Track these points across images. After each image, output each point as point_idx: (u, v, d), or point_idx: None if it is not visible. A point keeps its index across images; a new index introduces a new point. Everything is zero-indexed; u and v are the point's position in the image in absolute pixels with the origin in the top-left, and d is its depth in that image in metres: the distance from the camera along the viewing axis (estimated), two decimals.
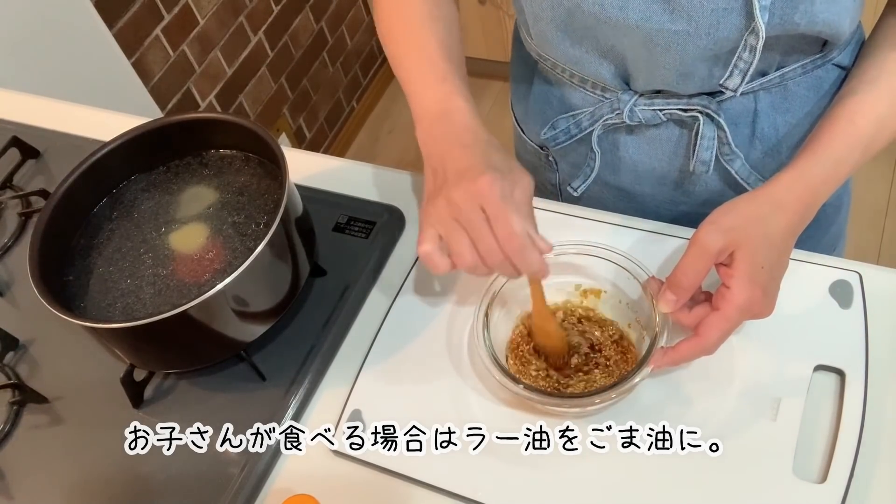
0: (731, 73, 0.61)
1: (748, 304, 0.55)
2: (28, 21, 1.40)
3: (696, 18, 0.58)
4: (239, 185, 0.73)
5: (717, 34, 0.59)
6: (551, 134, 0.78)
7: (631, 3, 0.59)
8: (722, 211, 0.57)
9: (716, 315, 0.55)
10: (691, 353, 0.56)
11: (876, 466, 0.55)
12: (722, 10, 0.57)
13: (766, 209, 0.56)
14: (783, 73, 0.65)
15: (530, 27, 0.71)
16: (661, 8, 0.59)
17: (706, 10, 0.57)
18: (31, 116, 0.98)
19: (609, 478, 0.58)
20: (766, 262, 0.55)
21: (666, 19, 0.59)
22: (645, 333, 0.62)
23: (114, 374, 0.67)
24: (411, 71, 0.67)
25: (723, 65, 0.62)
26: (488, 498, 0.58)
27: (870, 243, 1.85)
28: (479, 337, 0.61)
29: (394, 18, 0.71)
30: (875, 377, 0.58)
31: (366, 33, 2.43)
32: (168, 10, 1.70)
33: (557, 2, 0.63)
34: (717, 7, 0.57)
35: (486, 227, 0.54)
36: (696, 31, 0.59)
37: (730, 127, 0.68)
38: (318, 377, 0.68)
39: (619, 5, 0.60)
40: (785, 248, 0.57)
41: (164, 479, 0.64)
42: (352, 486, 0.62)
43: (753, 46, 0.58)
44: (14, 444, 0.69)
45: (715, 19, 0.58)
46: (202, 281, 0.66)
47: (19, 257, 0.83)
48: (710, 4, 0.57)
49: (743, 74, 0.61)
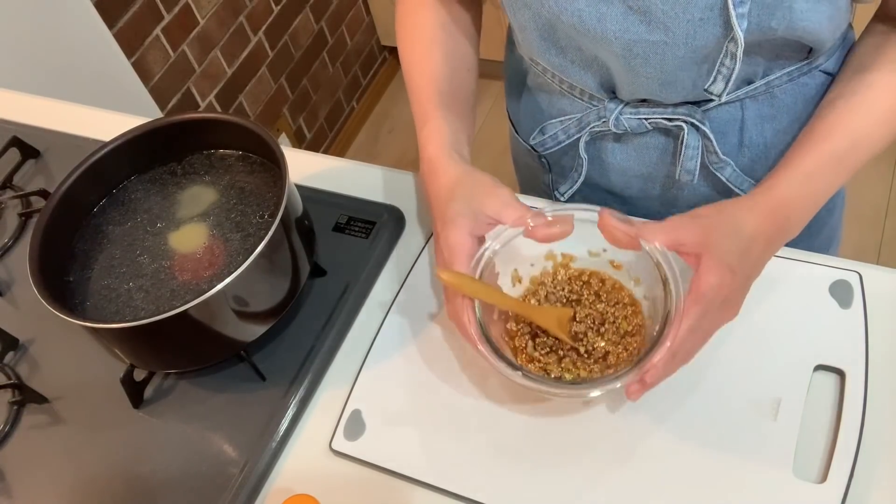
0: (714, 79, 0.62)
1: (719, 284, 0.53)
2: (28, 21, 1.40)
3: (672, 29, 0.58)
4: (239, 185, 0.73)
5: (695, 43, 0.59)
6: (540, 139, 0.79)
7: (608, 15, 0.60)
8: (695, 210, 0.57)
9: (687, 300, 0.54)
10: (665, 363, 0.53)
11: (876, 466, 0.55)
12: (698, 20, 0.57)
13: (737, 210, 0.57)
14: (769, 80, 0.66)
15: (517, 35, 0.71)
16: (639, 19, 0.59)
17: (682, 20, 0.58)
18: (31, 116, 0.98)
19: (609, 477, 0.58)
20: (736, 249, 0.54)
21: (643, 30, 0.60)
22: (657, 296, 0.59)
23: (114, 374, 0.67)
24: (412, 104, 0.72)
25: (705, 73, 0.63)
26: (488, 498, 0.58)
27: (870, 243, 1.85)
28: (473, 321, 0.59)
29: (403, 32, 0.76)
30: (875, 377, 0.58)
31: (366, 33, 2.43)
32: (168, 10, 1.70)
33: (538, 13, 0.64)
34: (694, 17, 0.57)
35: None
36: (673, 41, 0.59)
37: (717, 136, 0.69)
38: (318, 377, 0.68)
39: (597, 17, 0.60)
40: (754, 249, 0.56)
41: (164, 479, 0.64)
42: (352, 486, 0.62)
43: (734, 53, 0.58)
44: (14, 444, 0.69)
45: (692, 29, 0.58)
46: (202, 281, 0.66)
47: (19, 257, 0.83)
48: (686, 15, 0.57)
49: (726, 80, 0.61)
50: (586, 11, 0.60)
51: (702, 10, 0.57)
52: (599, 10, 0.60)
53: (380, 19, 2.45)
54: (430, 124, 0.67)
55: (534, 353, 0.62)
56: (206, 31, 1.82)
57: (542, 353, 0.62)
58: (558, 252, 0.67)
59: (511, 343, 0.64)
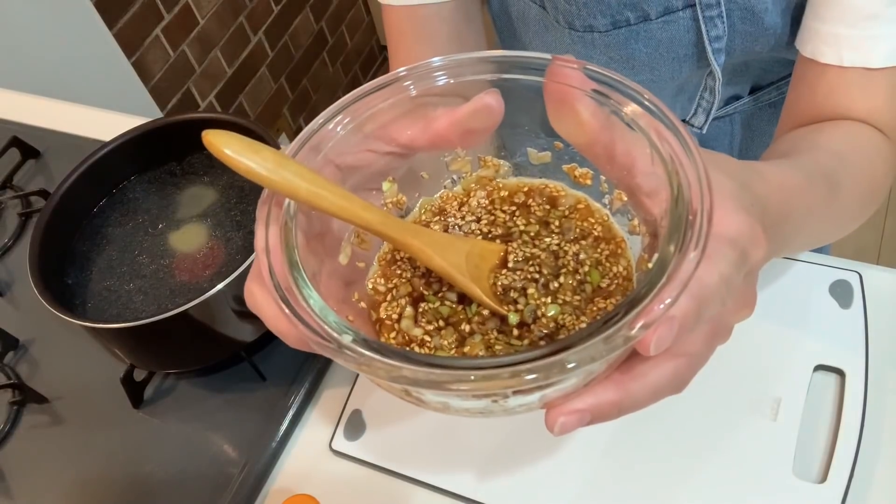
0: (695, 112, 0.62)
1: (738, 233, 0.33)
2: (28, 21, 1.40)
3: (657, 69, 0.59)
4: (239, 184, 0.73)
5: (680, 78, 0.60)
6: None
7: (592, 59, 0.60)
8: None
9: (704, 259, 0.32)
10: (688, 306, 0.30)
11: (876, 466, 0.55)
12: (682, 57, 0.58)
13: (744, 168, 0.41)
14: (757, 96, 0.66)
15: None
16: (622, 67, 0.60)
17: (666, 60, 0.58)
18: (31, 116, 0.98)
19: (609, 477, 0.58)
20: (748, 197, 0.36)
21: (628, 73, 0.60)
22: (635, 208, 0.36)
23: (114, 374, 0.67)
24: None
25: (688, 99, 0.63)
26: (488, 498, 0.58)
27: (870, 243, 1.85)
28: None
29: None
30: (875, 377, 0.58)
31: (366, 33, 2.43)
32: (168, 10, 1.70)
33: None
34: (678, 55, 0.58)
35: None
36: (659, 78, 0.60)
37: (707, 147, 0.69)
38: (319, 377, 0.68)
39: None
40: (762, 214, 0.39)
41: (164, 479, 0.64)
42: (352, 486, 0.62)
43: (712, 87, 0.59)
44: (14, 444, 0.69)
45: (676, 66, 0.58)
46: (202, 281, 0.66)
47: (19, 257, 0.83)
48: (669, 55, 0.58)
49: (706, 113, 0.62)
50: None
51: (685, 48, 0.57)
52: (581, 56, 0.59)
53: (379, 20, 2.45)
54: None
55: (413, 330, 0.36)
56: (206, 31, 1.82)
57: (430, 329, 0.36)
58: (472, 156, 0.40)
59: (375, 315, 0.37)
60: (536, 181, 0.40)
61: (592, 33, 0.58)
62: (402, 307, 0.37)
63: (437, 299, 0.36)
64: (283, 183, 0.31)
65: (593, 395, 0.31)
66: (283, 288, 0.31)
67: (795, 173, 0.44)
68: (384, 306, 0.37)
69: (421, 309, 0.36)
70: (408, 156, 0.37)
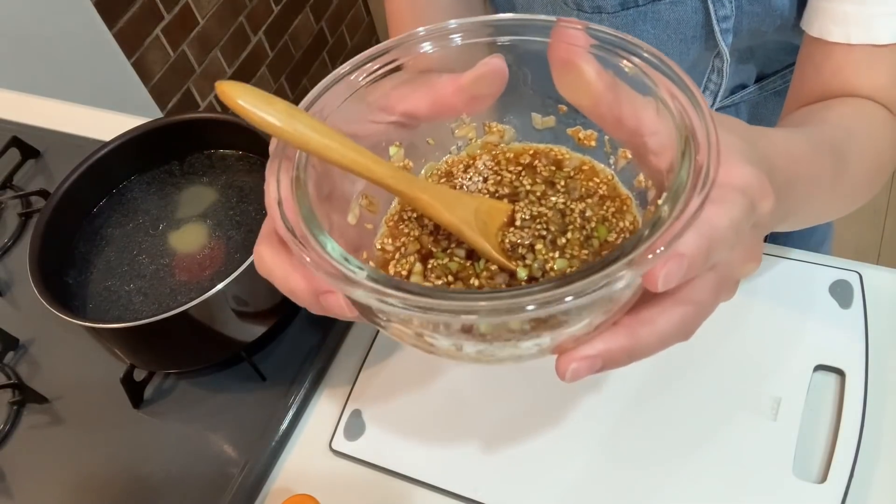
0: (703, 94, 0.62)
1: (747, 184, 0.32)
2: (28, 21, 1.40)
3: (665, 50, 0.59)
4: (239, 184, 0.73)
5: (688, 59, 0.59)
6: None
7: None
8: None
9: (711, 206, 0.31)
10: (698, 245, 0.30)
11: (876, 466, 0.55)
12: (690, 38, 0.57)
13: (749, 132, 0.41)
14: (763, 84, 0.66)
15: None
16: None
17: (674, 41, 0.58)
18: (31, 116, 0.98)
19: (609, 477, 0.58)
20: (755, 155, 0.35)
21: None
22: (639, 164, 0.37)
23: (114, 374, 0.67)
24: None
25: (697, 82, 0.62)
26: (488, 498, 0.58)
27: (870, 243, 1.85)
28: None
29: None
30: (875, 377, 0.58)
31: (366, 33, 2.43)
32: (168, 10, 1.70)
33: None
34: (686, 36, 0.57)
35: None
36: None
37: None
38: (319, 377, 0.68)
39: None
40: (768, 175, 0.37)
41: (164, 479, 0.64)
42: (352, 486, 0.62)
43: (720, 69, 0.58)
44: (14, 444, 0.69)
45: (685, 47, 0.58)
46: (202, 281, 0.66)
47: (19, 257, 0.83)
48: (677, 35, 0.57)
49: (714, 95, 0.61)
50: None
51: (693, 28, 0.57)
52: None
53: (380, 19, 2.45)
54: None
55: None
56: (206, 31, 1.82)
57: (439, 285, 0.36)
58: (478, 122, 0.41)
59: (384, 272, 0.38)
60: (542, 146, 0.41)
61: (601, 14, 0.58)
62: (412, 264, 0.37)
63: (446, 255, 0.37)
64: (294, 134, 0.31)
65: (603, 340, 0.31)
66: (298, 236, 0.31)
67: (803, 142, 0.44)
68: (393, 264, 0.37)
69: (430, 265, 0.37)
70: (412, 126, 0.37)
